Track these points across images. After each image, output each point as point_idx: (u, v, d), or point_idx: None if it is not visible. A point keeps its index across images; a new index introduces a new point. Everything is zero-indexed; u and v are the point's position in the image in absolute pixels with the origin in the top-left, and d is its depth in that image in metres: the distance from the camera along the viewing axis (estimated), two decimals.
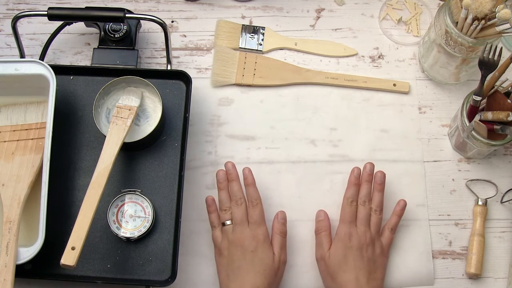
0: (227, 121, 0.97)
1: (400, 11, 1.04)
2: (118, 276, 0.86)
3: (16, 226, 0.81)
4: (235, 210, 0.88)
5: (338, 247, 0.87)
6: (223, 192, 0.90)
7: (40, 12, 0.91)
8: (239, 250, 0.85)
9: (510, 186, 0.95)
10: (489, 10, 0.83)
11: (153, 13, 1.00)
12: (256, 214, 0.87)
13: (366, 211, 0.89)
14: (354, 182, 0.91)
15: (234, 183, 0.90)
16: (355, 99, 0.99)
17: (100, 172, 0.82)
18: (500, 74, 0.86)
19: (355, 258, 0.85)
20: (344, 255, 0.85)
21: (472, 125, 0.87)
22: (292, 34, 1.03)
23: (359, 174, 0.91)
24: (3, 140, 0.88)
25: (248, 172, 0.90)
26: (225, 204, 0.89)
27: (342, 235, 0.87)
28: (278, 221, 0.89)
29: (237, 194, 0.89)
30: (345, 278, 0.84)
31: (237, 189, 0.89)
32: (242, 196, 0.89)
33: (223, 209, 0.89)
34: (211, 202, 0.90)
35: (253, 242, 0.86)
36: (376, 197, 0.90)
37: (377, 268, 0.86)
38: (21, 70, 0.88)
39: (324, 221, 0.90)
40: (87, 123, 0.92)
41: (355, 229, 0.88)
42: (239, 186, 0.89)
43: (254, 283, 0.83)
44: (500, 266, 0.92)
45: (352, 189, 0.90)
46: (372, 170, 0.91)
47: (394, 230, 0.90)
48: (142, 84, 0.90)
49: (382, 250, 0.88)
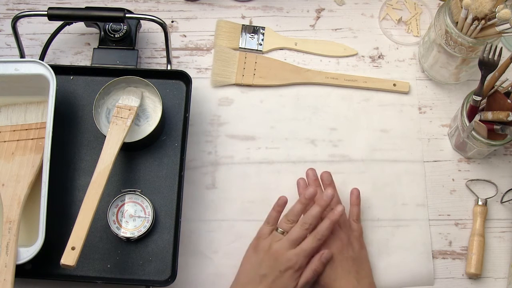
0: (227, 121, 0.97)
1: (400, 11, 1.04)
2: (118, 276, 0.86)
3: (16, 226, 0.81)
4: (296, 229, 0.84)
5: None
6: (301, 207, 0.86)
7: (40, 12, 0.91)
8: (272, 261, 0.83)
9: (510, 186, 0.95)
10: (489, 10, 0.83)
11: (153, 13, 1.00)
12: (311, 247, 0.83)
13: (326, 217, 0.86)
14: (300, 201, 0.87)
15: (318, 208, 0.85)
16: (355, 99, 0.99)
17: (100, 172, 0.82)
18: (500, 74, 0.86)
19: (341, 263, 0.85)
20: (330, 264, 0.85)
21: (472, 125, 0.87)
22: (292, 34, 1.03)
23: (304, 184, 0.91)
24: (3, 140, 0.88)
25: (342, 209, 0.86)
26: (294, 217, 0.85)
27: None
28: (319, 259, 0.84)
29: (312, 221, 0.84)
30: (337, 286, 0.84)
31: (315, 216, 0.84)
32: (314, 226, 0.84)
33: (289, 219, 0.85)
34: (283, 203, 0.87)
35: (289, 263, 0.82)
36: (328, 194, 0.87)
37: (362, 263, 0.86)
38: (21, 70, 0.88)
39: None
40: (87, 123, 0.92)
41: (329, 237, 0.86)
42: (319, 214, 0.85)
43: None
44: (500, 266, 0.92)
45: (298, 206, 0.86)
46: (316, 175, 0.91)
47: (358, 219, 0.89)
48: (142, 84, 0.90)
49: (359, 243, 0.88)
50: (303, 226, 0.84)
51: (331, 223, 0.84)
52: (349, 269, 0.85)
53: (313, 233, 0.84)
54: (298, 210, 0.86)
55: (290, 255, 0.83)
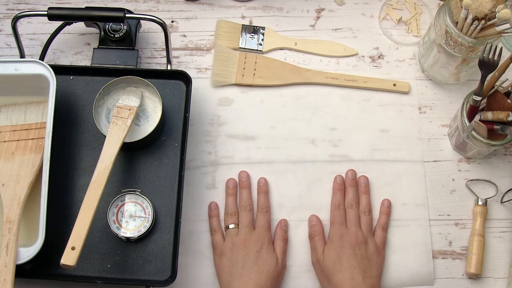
0: (227, 121, 0.97)
1: (400, 11, 1.04)
2: (118, 276, 0.86)
3: (16, 226, 0.81)
4: (242, 215, 0.90)
5: (331, 248, 0.87)
6: (231, 198, 0.92)
7: (40, 12, 0.91)
8: (243, 250, 0.86)
9: (510, 186, 0.95)
10: (489, 10, 0.83)
11: (153, 13, 1.00)
12: (264, 220, 0.90)
13: (355, 212, 0.91)
14: (338, 188, 0.93)
15: (245, 190, 0.92)
16: (355, 99, 0.99)
17: (100, 172, 0.82)
18: (500, 74, 0.86)
19: (348, 257, 0.86)
20: (338, 255, 0.86)
21: (472, 125, 0.87)
22: (292, 34, 1.03)
23: (342, 180, 0.93)
24: (3, 140, 0.88)
25: (264, 181, 0.93)
26: (232, 209, 0.92)
27: (334, 236, 0.88)
28: (281, 227, 0.91)
29: (247, 201, 0.92)
30: (340, 278, 0.84)
31: (247, 197, 0.92)
32: (252, 204, 0.92)
33: (229, 213, 0.91)
34: (215, 206, 0.93)
35: (258, 243, 0.87)
36: (363, 199, 0.92)
37: (372, 266, 0.87)
38: (21, 70, 0.88)
39: (317, 225, 0.91)
40: (87, 123, 0.92)
41: (346, 230, 0.89)
42: (249, 194, 0.92)
43: (258, 281, 0.84)
44: (500, 266, 0.92)
45: (337, 194, 0.92)
46: (355, 176, 0.94)
47: (385, 228, 0.91)
48: (142, 84, 0.90)
49: (376, 249, 0.88)
50: (246, 209, 0.90)
51: (264, 194, 0.92)
52: (356, 265, 0.85)
53: (258, 210, 0.91)
54: (232, 202, 0.92)
55: (255, 236, 0.88)
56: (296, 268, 0.91)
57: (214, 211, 0.92)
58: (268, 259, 0.86)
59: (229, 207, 0.92)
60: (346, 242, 0.87)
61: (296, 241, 0.92)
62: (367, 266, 0.86)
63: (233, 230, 0.89)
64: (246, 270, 0.85)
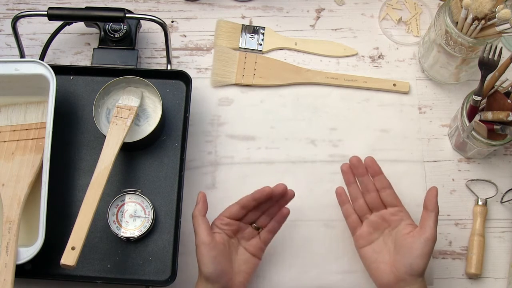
0: (227, 121, 0.97)
1: (400, 11, 1.04)
2: (118, 276, 0.86)
3: (16, 226, 0.81)
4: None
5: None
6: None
7: (40, 12, 0.91)
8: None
9: (510, 186, 0.95)
10: (489, 10, 0.83)
11: (153, 13, 1.00)
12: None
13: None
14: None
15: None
16: (355, 99, 0.99)
17: (100, 172, 0.82)
18: (500, 74, 0.86)
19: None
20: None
21: (472, 125, 0.87)
22: (292, 34, 1.03)
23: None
24: (3, 140, 0.88)
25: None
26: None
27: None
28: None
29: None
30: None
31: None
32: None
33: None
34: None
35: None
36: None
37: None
38: (21, 70, 0.88)
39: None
40: (87, 123, 0.92)
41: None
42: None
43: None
44: (500, 266, 0.92)
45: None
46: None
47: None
48: (142, 84, 0.90)
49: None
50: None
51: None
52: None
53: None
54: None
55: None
56: (297, 268, 0.91)
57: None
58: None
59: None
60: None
61: (297, 241, 0.92)
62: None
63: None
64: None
